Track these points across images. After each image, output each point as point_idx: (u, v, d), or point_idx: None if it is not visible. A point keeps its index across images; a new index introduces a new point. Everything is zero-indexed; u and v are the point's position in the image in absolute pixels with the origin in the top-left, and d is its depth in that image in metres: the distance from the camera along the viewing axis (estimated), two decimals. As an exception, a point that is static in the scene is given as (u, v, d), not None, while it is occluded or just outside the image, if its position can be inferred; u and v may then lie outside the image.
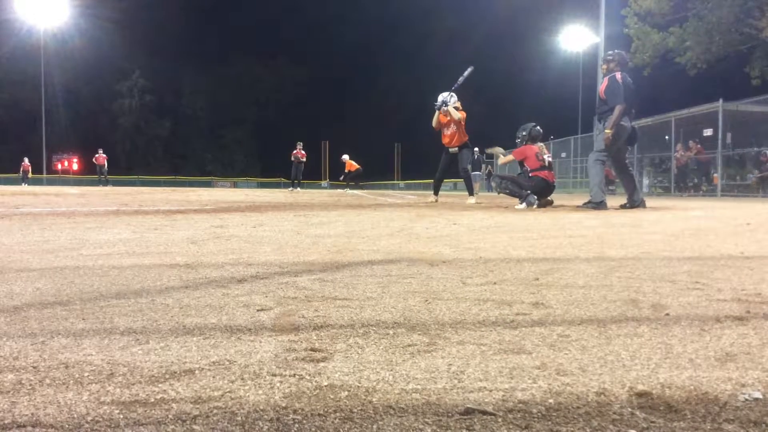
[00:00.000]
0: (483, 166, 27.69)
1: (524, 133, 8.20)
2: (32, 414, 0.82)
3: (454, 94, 9.60)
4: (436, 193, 10.34)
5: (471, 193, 9.81)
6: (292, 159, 24.16)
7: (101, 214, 5.41)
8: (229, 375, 1.00)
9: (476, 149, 26.89)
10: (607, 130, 6.81)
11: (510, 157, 8.61)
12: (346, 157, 26.82)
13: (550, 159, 8.07)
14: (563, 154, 29.78)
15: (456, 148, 9.61)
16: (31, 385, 0.94)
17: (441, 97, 9.60)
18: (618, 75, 6.86)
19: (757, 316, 1.45)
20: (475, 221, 4.75)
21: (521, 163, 8.12)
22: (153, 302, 1.57)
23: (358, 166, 26.78)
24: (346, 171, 27.05)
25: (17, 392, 0.91)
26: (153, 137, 71.73)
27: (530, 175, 7.80)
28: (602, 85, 7.01)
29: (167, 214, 5.40)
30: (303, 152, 24.77)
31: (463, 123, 9.56)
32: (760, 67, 25.59)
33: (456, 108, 9.47)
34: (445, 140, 9.66)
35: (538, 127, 8.19)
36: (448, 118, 9.50)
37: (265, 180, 62.84)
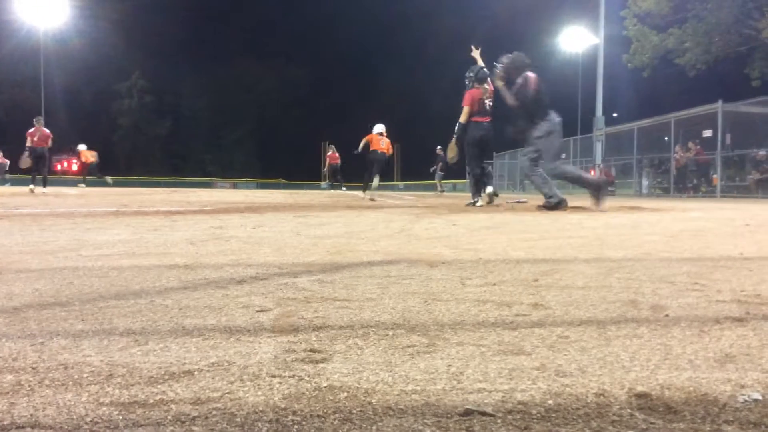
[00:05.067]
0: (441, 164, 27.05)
1: (471, 75, 8.22)
2: (31, 415, 0.82)
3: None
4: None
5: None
6: None
7: (100, 214, 5.41)
8: (228, 376, 1.00)
9: (439, 148, 26.24)
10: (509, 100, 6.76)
11: (465, 110, 8.20)
12: (82, 147, 25.81)
13: (491, 103, 8.10)
14: (563, 155, 29.78)
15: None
16: (30, 386, 0.94)
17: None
18: (530, 75, 6.71)
19: (757, 317, 1.45)
20: (474, 222, 4.75)
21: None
22: (152, 303, 1.57)
23: (94, 160, 26.03)
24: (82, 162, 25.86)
25: (16, 393, 0.91)
26: (153, 138, 71.67)
27: (472, 120, 7.88)
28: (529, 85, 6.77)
29: (166, 215, 5.40)
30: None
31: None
32: (759, 68, 25.61)
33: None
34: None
35: (486, 69, 8.16)
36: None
37: (265, 181, 62.82)
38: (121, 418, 0.82)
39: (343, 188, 24.28)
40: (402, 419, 0.83)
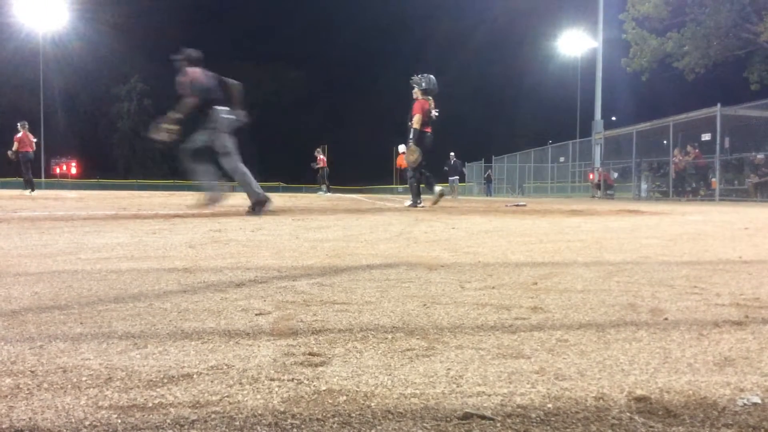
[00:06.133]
0: (463, 170, 28.24)
1: (422, 85, 8.72)
2: (30, 418, 0.82)
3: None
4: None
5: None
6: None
7: (99, 218, 5.40)
8: (227, 379, 0.99)
9: (452, 153, 27.30)
10: (170, 126, 6.49)
11: (417, 118, 8.71)
12: None
13: (437, 114, 8.83)
14: (561, 159, 29.83)
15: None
16: (29, 389, 0.94)
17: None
18: (191, 70, 6.57)
19: (756, 320, 1.45)
20: (473, 225, 4.75)
21: (409, 117, 8.71)
22: (151, 306, 1.57)
23: None
24: None
25: (15, 396, 0.90)
26: (151, 141, 71.68)
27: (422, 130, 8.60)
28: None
29: (165, 218, 5.39)
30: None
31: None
32: (758, 71, 25.67)
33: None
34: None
35: (435, 82, 8.77)
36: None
37: (264, 184, 62.69)
38: (120, 421, 0.82)
39: (328, 192, 24.45)
40: (401, 423, 0.83)
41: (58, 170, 60.40)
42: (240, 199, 7.72)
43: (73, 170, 62.31)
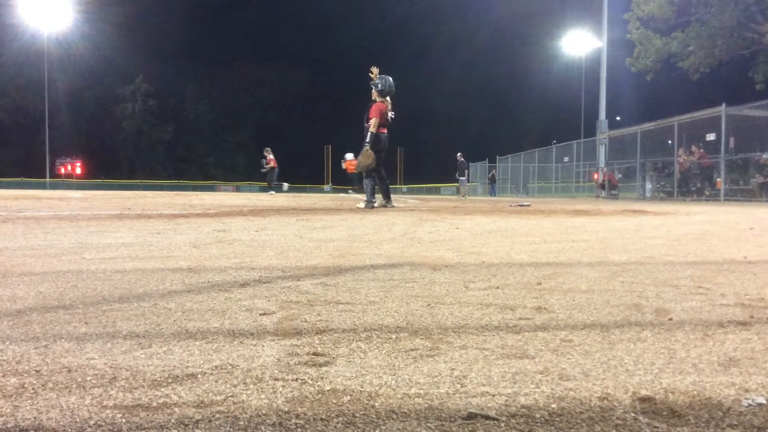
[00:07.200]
0: (467, 171, 28.67)
1: (383, 89, 8.77)
2: (35, 418, 0.83)
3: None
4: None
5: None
6: None
7: (104, 218, 5.41)
8: (231, 379, 1.00)
9: (459, 154, 27.64)
10: None
11: (374, 122, 8.69)
12: None
13: (393, 116, 8.91)
14: (566, 159, 29.78)
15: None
16: (33, 389, 0.94)
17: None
18: None
19: (761, 321, 1.44)
20: (477, 226, 4.75)
21: (366, 118, 8.74)
22: (156, 306, 1.57)
23: None
24: None
25: (20, 396, 0.91)
26: (156, 141, 71.90)
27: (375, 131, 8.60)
28: None
29: (170, 218, 5.40)
30: None
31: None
32: (763, 71, 25.58)
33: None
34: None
35: (392, 83, 8.82)
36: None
37: (268, 184, 62.89)
38: (124, 421, 0.82)
39: (272, 191, 24.54)
40: (405, 423, 0.83)
41: (62, 170, 60.57)
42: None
43: (78, 170, 62.49)
